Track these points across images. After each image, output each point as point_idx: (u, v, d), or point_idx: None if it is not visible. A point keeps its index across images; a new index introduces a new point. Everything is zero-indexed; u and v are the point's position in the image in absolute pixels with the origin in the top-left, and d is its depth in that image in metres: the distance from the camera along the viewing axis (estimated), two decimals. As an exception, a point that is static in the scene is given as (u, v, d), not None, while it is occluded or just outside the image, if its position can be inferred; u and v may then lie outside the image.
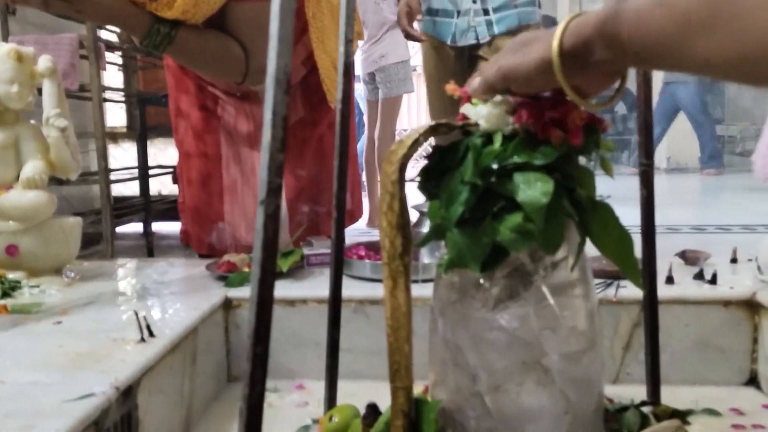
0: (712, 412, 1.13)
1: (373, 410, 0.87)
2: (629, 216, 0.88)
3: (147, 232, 3.30)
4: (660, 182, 6.31)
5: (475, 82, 0.75)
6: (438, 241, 0.79)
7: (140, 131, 3.31)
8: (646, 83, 0.99)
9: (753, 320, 1.23)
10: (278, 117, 0.58)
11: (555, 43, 0.62)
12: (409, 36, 2.53)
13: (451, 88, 0.80)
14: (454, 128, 0.74)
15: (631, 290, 1.25)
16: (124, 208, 3.34)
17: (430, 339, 0.83)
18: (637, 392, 1.01)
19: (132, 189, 3.72)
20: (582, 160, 0.78)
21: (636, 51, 0.57)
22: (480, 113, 0.73)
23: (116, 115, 4.07)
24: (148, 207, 3.30)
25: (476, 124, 0.74)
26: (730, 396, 1.20)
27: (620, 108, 8.57)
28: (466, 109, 0.76)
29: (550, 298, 0.74)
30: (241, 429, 0.61)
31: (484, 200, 0.71)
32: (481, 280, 0.75)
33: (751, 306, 1.23)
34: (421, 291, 1.08)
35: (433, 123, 0.73)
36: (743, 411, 1.14)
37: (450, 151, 0.73)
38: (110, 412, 0.84)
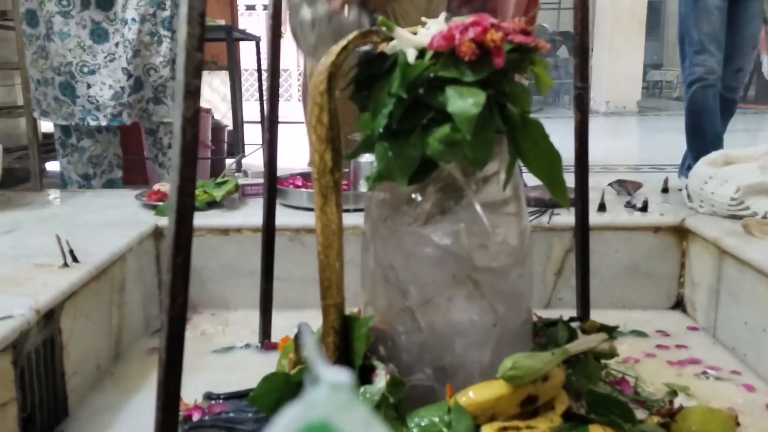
0: (639, 333, 1.16)
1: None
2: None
3: (79, 170, 3.19)
4: (599, 124, 6.41)
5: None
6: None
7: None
8: (583, 4, 0.97)
9: (681, 246, 1.26)
10: (195, 12, 0.54)
11: None
12: None
13: None
14: (388, 37, 0.71)
15: (564, 217, 1.26)
16: (53, 144, 3.19)
17: (362, 258, 0.82)
18: (569, 316, 1.03)
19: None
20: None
21: None
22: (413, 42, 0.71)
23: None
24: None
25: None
26: (656, 318, 1.24)
27: (562, 52, 8.62)
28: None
29: (482, 214, 0.74)
30: (163, 341, 0.59)
31: (414, 112, 0.69)
32: (413, 195, 0.74)
33: (679, 232, 1.26)
34: (358, 219, 1.07)
35: (363, 30, 0.70)
36: (669, 332, 1.18)
37: (379, 59, 0.70)
38: (30, 335, 0.81)
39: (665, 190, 1.49)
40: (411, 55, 0.69)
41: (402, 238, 0.75)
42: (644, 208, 1.31)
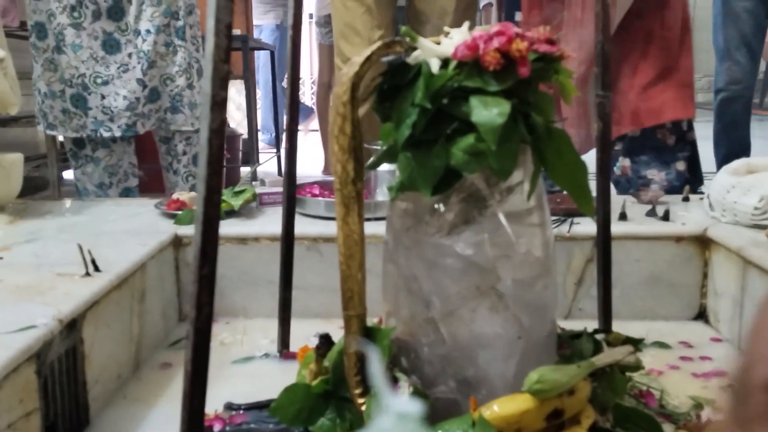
0: (661, 345, 1.15)
1: (326, 340, 0.86)
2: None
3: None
4: (615, 133, 6.35)
5: None
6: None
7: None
8: (604, 11, 0.97)
9: (704, 256, 1.25)
10: (221, 24, 0.54)
11: None
12: None
13: None
14: (410, 47, 0.71)
15: (584, 226, 1.25)
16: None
17: (384, 268, 0.81)
18: (589, 327, 1.02)
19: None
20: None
21: None
22: (437, 52, 0.70)
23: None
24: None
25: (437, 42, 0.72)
26: (679, 330, 1.22)
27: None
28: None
29: (505, 225, 0.73)
30: (189, 353, 0.58)
31: (438, 122, 0.69)
32: (436, 205, 0.73)
33: (702, 242, 1.24)
34: (376, 228, 1.07)
35: (387, 40, 0.70)
36: (692, 344, 1.17)
37: (402, 69, 0.70)
38: (53, 345, 0.81)
39: (686, 198, 1.48)
40: (435, 65, 0.69)
41: (425, 248, 0.75)
42: (666, 218, 1.29)
